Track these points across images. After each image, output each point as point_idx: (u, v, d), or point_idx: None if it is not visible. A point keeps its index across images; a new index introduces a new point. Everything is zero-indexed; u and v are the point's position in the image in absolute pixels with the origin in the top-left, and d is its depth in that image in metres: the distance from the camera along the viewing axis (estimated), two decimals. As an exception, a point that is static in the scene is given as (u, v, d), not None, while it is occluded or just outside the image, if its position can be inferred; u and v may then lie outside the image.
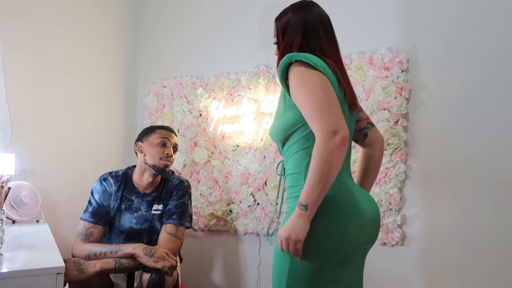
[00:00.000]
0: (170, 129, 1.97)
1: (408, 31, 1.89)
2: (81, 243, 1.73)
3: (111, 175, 1.89)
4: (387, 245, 1.88)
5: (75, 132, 2.52)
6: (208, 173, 2.42)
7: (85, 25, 2.61)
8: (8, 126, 2.28)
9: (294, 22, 1.36)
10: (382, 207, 1.87)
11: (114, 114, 2.73)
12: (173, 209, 1.84)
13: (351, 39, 2.01)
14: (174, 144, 1.92)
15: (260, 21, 2.34)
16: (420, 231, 1.84)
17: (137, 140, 1.94)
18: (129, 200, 1.86)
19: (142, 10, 2.87)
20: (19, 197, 2.12)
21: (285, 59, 1.26)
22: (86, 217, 1.80)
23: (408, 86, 1.86)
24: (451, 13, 1.80)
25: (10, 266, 1.34)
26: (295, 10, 1.39)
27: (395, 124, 1.87)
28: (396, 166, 1.86)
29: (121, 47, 2.79)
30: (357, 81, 1.95)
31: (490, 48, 1.72)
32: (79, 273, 1.57)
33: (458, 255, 1.76)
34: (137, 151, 1.91)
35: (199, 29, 2.58)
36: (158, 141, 1.87)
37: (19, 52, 2.33)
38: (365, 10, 2.00)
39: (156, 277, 1.58)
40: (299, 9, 1.39)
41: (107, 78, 2.72)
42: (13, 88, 2.30)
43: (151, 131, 1.92)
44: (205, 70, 2.51)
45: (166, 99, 2.61)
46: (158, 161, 1.84)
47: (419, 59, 1.86)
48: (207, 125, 2.43)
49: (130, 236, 1.84)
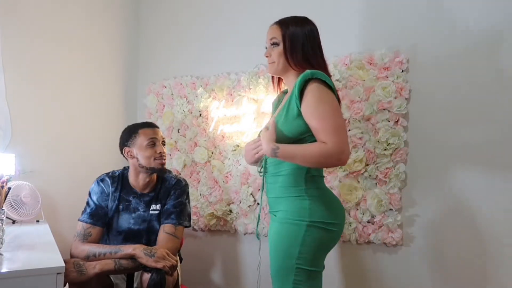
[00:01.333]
0: (152, 125, 1.90)
1: (408, 31, 1.89)
2: (80, 244, 1.72)
3: (108, 176, 1.88)
4: (387, 245, 1.88)
5: (75, 132, 2.52)
6: (208, 173, 2.42)
7: (85, 25, 2.61)
8: (8, 126, 2.27)
9: (302, 35, 1.50)
10: (382, 207, 1.87)
11: (114, 114, 2.73)
12: (171, 209, 1.83)
13: (351, 39, 2.01)
14: (162, 139, 1.89)
15: (260, 21, 2.33)
16: (420, 231, 1.84)
17: (122, 145, 1.87)
18: (126, 200, 1.85)
19: (142, 10, 2.87)
20: (19, 197, 2.12)
21: (308, 74, 1.41)
22: (84, 218, 1.80)
23: (408, 86, 1.86)
24: (451, 13, 1.80)
25: (10, 266, 1.34)
26: (302, 23, 1.53)
27: (395, 124, 1.87)
28: (396, 166, 1.86)
29: (121, 47, 2.79)
30: (357, 81, 1.95)
31: (490, 48, 1.72)
32: (79, 275, 1.57)
33: (458, 255, 1.76)
34: (127, 157, 1.86)
35: (199, 29, 2.58)
36: (146, 143, 1.82)
37: (19, 52, 2.33)
38: (365, 10, 2.00)
39: (156, 277, 1.58)
40: (305, 23, 1.54)
41: (107, 78, 2.72)
42: (13, 88, 2.30)
43: (134, 133, 1.85)
44: (205, 70, 2.51)
45: (166, 99, 2.61)
46: (153, 162, 1.82)
47: (419, 59, 1.86)
48: (207, 125, 2.43)
49: (128, 237, 1.83)
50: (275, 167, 1.50)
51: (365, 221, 1.93)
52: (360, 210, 1.94)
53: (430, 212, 1.82)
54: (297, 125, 1.43)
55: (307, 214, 1.42)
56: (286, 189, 1.47)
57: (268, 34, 1.55)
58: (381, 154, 1.88)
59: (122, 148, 1.88)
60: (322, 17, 2.15)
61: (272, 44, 1.53)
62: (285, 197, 1.46)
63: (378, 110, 1.90)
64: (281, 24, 1.53)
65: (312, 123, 1.40)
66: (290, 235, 1.42)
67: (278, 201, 1.49)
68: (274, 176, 1.50)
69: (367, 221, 1.92)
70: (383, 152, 1.87)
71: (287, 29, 1.51)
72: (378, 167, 1.89)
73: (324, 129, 1.36)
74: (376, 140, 1.88)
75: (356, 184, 1.94)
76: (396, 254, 1.88)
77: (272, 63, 1.54)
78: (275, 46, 1.52)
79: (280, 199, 1.48)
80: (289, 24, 1.52)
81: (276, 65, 1.53)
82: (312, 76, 1.41)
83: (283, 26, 1.52)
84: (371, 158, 1.90)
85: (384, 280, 1.91)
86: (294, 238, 1.41)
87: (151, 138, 1.84)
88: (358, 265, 1.97)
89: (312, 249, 1.41)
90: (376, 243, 1.91)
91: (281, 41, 1.50)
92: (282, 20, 1.54)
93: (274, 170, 1.50)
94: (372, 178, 1.91)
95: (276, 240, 1.45)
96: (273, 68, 1.55)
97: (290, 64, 1.50)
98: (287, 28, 1.51)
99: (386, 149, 1.87)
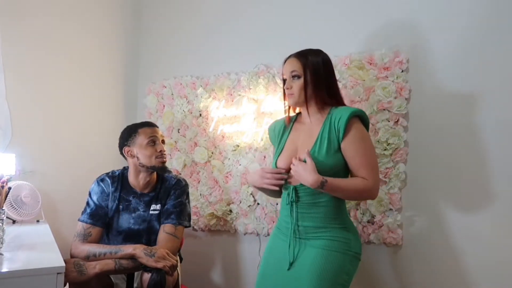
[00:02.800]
0: (151, 124, 1.91)
1: (408, 31, 1.89)
2: (80, 244, 1.72)
3: (108, 176, 1.88)
4: (387, 245, 1.88)
5: (75, 132, 2.53)
6: (208, 173, 2.42)
7: (85, 25, 2.61)
8: (8, 126, 2.28)
9: (323, 65, 1.57)
10: (382, 207, 1.87)
11: (114, 114, 2.73)
12: (171, 209, 1.83)
13: (351, 39, 2.01)
14: (161, 138, 1.90)
15: (260, 21, 2.34)
16: (420, 231, 1.84)
17: (122, 145, 1.87)
18: (126, 200, 1.85)
19: (142, 10, 2.87)
20: (19, 197, 2.13)
21: (357, 111, 1.51)
22: (84, 218, 1.80)
23: (408, 86, 1.86)
24: (451, 13, 1.80)
25: (10, 266, 1.34)
26: (317, 54, 1.59)
27: (395, 124, 1.87)
28: (396, 166, 1.86)
29: (121, 47, 2.79)
30: (357, 81, 1.95)
31: (490, 48, 1.72)
32: (79, 275, 1.57)
33: (458, 255, 1.75)
34: (127, 156, 1.86)
35: (199, 29, 2.58)
36: (146, 142, 1.83)
37: (19, 52, 2.33)
38: (365, 10, 2.00)
39: (157, 277, 1.58)
40: (321, 54, 1.59)
41: (107, 78, 2.72)
42: (13, 88, 2.30)
43: (134, 133, 1.86)
44: (205, 70, 2.50)
45: (166, 99, 2.61)
46: (154, 160, 1.82)
47: (419, 59, 1.86)
48: (207, 125, 2.43)
49: (128, 237, 1.83)
50: (311, 197, 1.52)
51: (365, 221, 1.93)
52: (360, 210, 1.94)
53: (430, 212, 1.82)
54: (338, 159, 1.50)
55: (352, 245, 1.52)
56: (329, 220, 1.52)
57: (287, 67, 1.59)
58: (381, 154, 1.88)
59: (122, 148, 1.88)
60: (322, 17, 2.15)
61: (293, 76, 1.58)
62: (329, 228, 1.51)
63: (378, 110, 1.89)
64: (300, 57, 1.58)
65: (355, 159, 1.49)
66: (338, 263, 1.48)
67: (319, 230, 1.52)
68: (311, 206, 1.53)
69: (367, 221, 1.92)
70: (383, 152, 1.87)
71: (307, 61, 1.56)
72: (378, 167, 1.88)
73: (365, 166, 1.48)
74: (376, 140, 1.88)
75: (356, 184, 1.94)
76: (396, 254, 1.88)
77: (292, 95, 1.58)
78: (296, 79, 1.57)
79: (321, 228, 1.52)
80: (308, 56, 1.57)
81: (297, 98, 1.57)
82: (356, 113, 1.50)
83: (302, 58, 1.57)
84: (371, 158, 1.90)
85: (384, 280, 1.91)
86: (341, 267, 1.48)
87: (151, 136, 1.84)
88: (358, 265, 1.97)
89: (352, 278, 1.52)
90: (376, 243, 1.91)
91: (302, 73, 1.56)
92: (300, 53, 1.60)
93: (310, 199, 1.53)
94: (372, 178, 1.91)
95: (321, 265, 1.46)
96: (293, 100, 1.59)
97: (312, 96, 1.57)
98: (307, 60, 1.57)
99: (386, 149, 1.87)
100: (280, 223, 1.65)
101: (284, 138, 1.67)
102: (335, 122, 1.51)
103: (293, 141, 1.63)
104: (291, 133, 1.66)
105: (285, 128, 1.70)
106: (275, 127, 1.74)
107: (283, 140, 1.66)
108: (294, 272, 1.50)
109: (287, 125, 1.70)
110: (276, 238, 1.64)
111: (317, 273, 1.45)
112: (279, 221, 1.67)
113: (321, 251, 1.49)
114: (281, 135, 1.69)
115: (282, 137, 1.68)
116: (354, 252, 1.52)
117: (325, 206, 1.52)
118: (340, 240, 1.50)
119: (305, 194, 1.53)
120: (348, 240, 1.51)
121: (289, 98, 1.60)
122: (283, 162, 1.61)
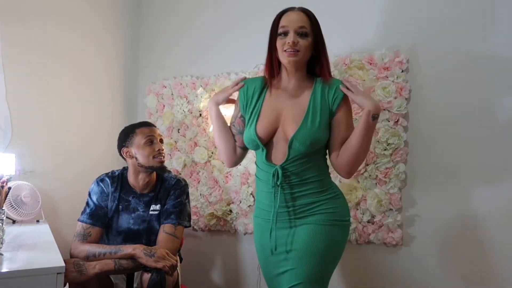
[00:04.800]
0: (148, 124, 1.92)
1: (408, 31, 1.89)
2: (80, 244, 1.72)
3: (108, 176, 1.88)
4: (387, 245, 1.88)
5: (75, 132, 2.52)
6: (208, 173, 2.42)
7: (85, 25, 2.60)
8: (8, 126, 2.27)
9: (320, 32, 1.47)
10: (382, 207, 1.87)
11: (114, 114, 2.73)
12: (171, 209, 1.83)
13: (351, 38, 2.01)
14: (159, 137, 1.89)
15: (260, 21, 2.33)
16: (420, 231, 1.84)
17: (120, 146, 1.88)
18: (126, 200, 1.85)
19: (142, 10, 2.87)
20: (19, 197, 2.12)
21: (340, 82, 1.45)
22: (84, 218, 1.80)
23: (408, 86, 1.86)
24: (451, 13, 1.80)
25: (10, 266, 1.34)
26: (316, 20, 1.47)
27: (395, 124, 1.87)
28: (396, 166, 1.86)
29: (121, 47, 2.79)
30: (357, 81, 1.95)
31: (490, 48, 1.72)
32: (79, 275, 1.56)
33: (458, 255, 1.76)
34: (125, 157, 1.86)
35: (199, 29, 2.57)
36: (144, 141, 1.83)
37: (19, 52, 2.32)
38: (365, 10, 2.00)
39: (157, 277, 1.58)
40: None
41: (107, 78, 2.72)
42: (13, 88, 2.30)
43: (131, 133, 1.86)
44: (205, 70, 2.50)
45: (166, 99, 2.61)
46: (152, 160, 1.82)
47: (419, 59, 1.86)
48: (207, 125, 2.43)
49: (128, 237, 1.83)
50: (297, 176, 1.43)
51: (365, 221, 1.93)
52: (360, 210, 1.94)
53: (430, 212, 1.82)
54: (326, 135, 1.44)
55: (341, 214, 1.46)
56: (317, 194, 1.44)
57: (294, 19, 1.41)
58: (381, 154, 1.88)
59: (120, 149, 1.88)
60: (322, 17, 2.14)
61: (300, 33, 1.40)
62: (321, 201, 1.44)
63: (378, 110, 1.89)
64: (308, 14, 1.43)
65: (349, 130, 1.44)
66: (340, 239, 1.44)
67: (311, 206, 1.44)
68: (300, 184, 1.44)
69: (367, 221, 1.92)
70: (383, 152, 1.87)
71: (314, 24, 1.42)
72: (378, 167, 1.89)
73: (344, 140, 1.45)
74: (376, 140, 1.88)
75: (356, 184, 1.94)
76: (396, 254, 1.88)
77: (298, 52, 1.39)
78: (304, 37, 1.40)
79: (313, 204, 1.44)
80: (313, 17, 1.44)
81: (301, 57, 1.41)
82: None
83: (311, 16, 1.43)
84: (371, 158, 1.90)
85: (384, 280, 1.91)
86: (343, 242, 1.45)
87: (148, 136, 1.84)
88: (358, 265, 1.97)
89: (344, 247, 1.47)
90: (376, 243, 1.91)
91: (311, 34, 1.41)
92: (306, 10, 1.44)
93: (297, 178, 1.43)
94: (372, 178, 1.91)
95: (323, 242, 1.39)
96: (296, 59, 1.40)
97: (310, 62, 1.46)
98: (314, 22, 1.42)
99: (386, 149, 1.87)
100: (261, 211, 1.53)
101: (259, 102, 1.49)
102: (330, 92, 1.43)
103: (273, 107, 1.47)
104: (267, 98, 1.49)
105: (261, 90, 1.51)
106: (248, 89, 1.53)
107: (258, 104, 1.49)
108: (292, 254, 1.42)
109: (264, 87, 1.52)
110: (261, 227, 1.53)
111: (315, 253, 1.40)
112: (259, 210, 1.54)
113: (313, 226, 1.41)
114: (256, 98, 1.51)
115: (257, 100, 1.50)
116: (344, 220, 1.46)
117: (314, 181, 1.44)
118: (329, 211, 1.43)
119: (293, 175, 1.42)
120: (337, 210, 1.45)
121: (291, 55, 1.39)
122: (264, 131, 1.45)
